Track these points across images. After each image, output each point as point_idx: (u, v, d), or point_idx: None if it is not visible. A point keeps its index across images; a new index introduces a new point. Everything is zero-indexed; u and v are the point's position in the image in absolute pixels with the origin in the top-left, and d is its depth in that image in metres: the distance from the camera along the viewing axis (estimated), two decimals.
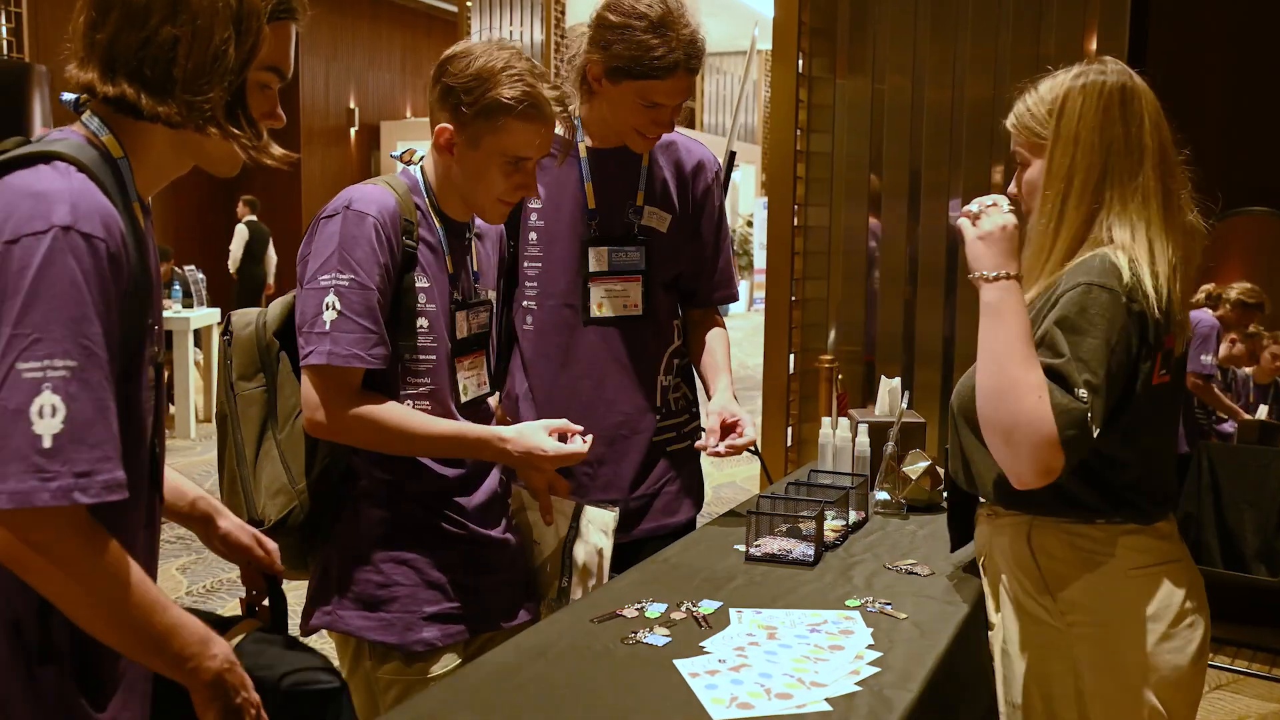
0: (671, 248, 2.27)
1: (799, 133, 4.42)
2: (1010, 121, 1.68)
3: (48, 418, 1.07)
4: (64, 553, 1.10)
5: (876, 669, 1.49)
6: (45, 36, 6.88)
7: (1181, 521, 4.01)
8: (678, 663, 1.48)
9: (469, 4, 9.67)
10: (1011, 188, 1.73)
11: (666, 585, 1.80)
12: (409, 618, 1.77)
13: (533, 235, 2.21)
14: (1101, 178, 1.58)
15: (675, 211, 2.27)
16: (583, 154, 2.21)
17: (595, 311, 2.21)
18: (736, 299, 2.49)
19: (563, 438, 1.88)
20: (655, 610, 1.67)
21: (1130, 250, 1.54)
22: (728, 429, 2.13)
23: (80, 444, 1.09)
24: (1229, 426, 4.19)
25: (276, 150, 1.30)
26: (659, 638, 1.57)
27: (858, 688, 1.43)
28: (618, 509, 2.05)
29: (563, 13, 8.93)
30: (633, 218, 2.23)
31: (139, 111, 1.20)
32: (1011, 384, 1.48)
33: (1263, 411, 4.13)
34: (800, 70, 4.39)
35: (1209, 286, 4.08)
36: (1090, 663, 1.58)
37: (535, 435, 1.84)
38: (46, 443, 1.07)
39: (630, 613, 1.66)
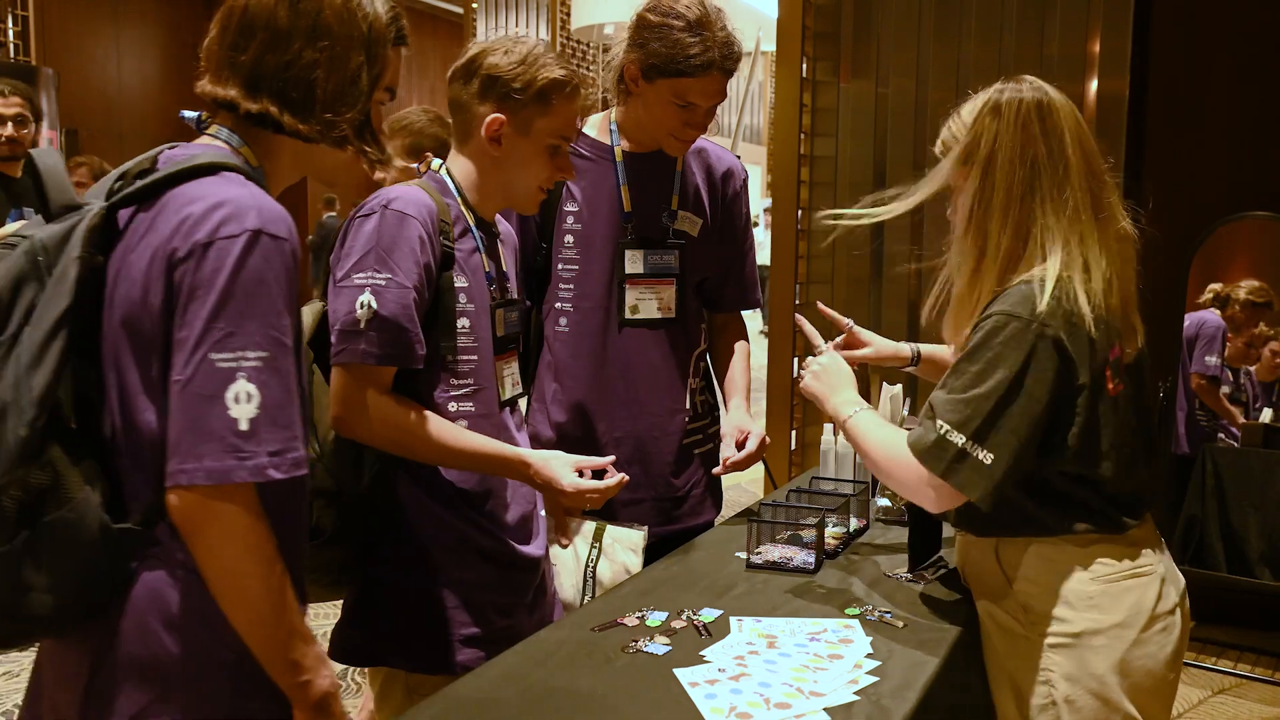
0: (702, 252, 2.31)
1: (803, 137, 4.43)
2: (938, 148, 1.72)
3: (243, 403, 1.18)
4: (235, 527, 1.19)
5: (875, 678, 1.49)
6: (52, 40, 6.90)
7: (1185, 524, 4.03)
8: (677, 672, 1.49)
9: (474, 4, 9.68)
10: (949, 212, 1.76)
11: (667, 593, 1.80)
12: (450, 639, 1.78)
13: (569, 238, 2.23)
14: (1028, 194, 1.59)
15: (706, 217, 2.31)
16: (618, 158, 2.24)
17: (630, 314, 2.24)
18: (759, 304, 2.54)
19: (595, 476, 1.89)
20: (656, 619, 1.68)
21: (1065, 269, 1.56)
22: (740, 447, 2.18)
23: (273, 425, 1.19)
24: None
25: (399, 163, 1.39)
26: (659, 646, 1.57)
27: (856, 697, 1.44)
28: (646, 528, 2.07)
29: (568, 14, 8.93)
30: (667, 221, 2.27)
31: (280, 127, 1.31)
32: (882, 461, 1.66)
33: (1267, 415, 4.12)
34: (804, 75, 4.39)
35: (1216, 286, 4.07)
36: (1064, 674, 1.59)
37: (559, 467, 1.82)
38: (243, 425, 1.17)
39: (631, 621, 1.67)
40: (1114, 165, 1.67)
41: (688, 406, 2.31)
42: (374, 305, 1.67)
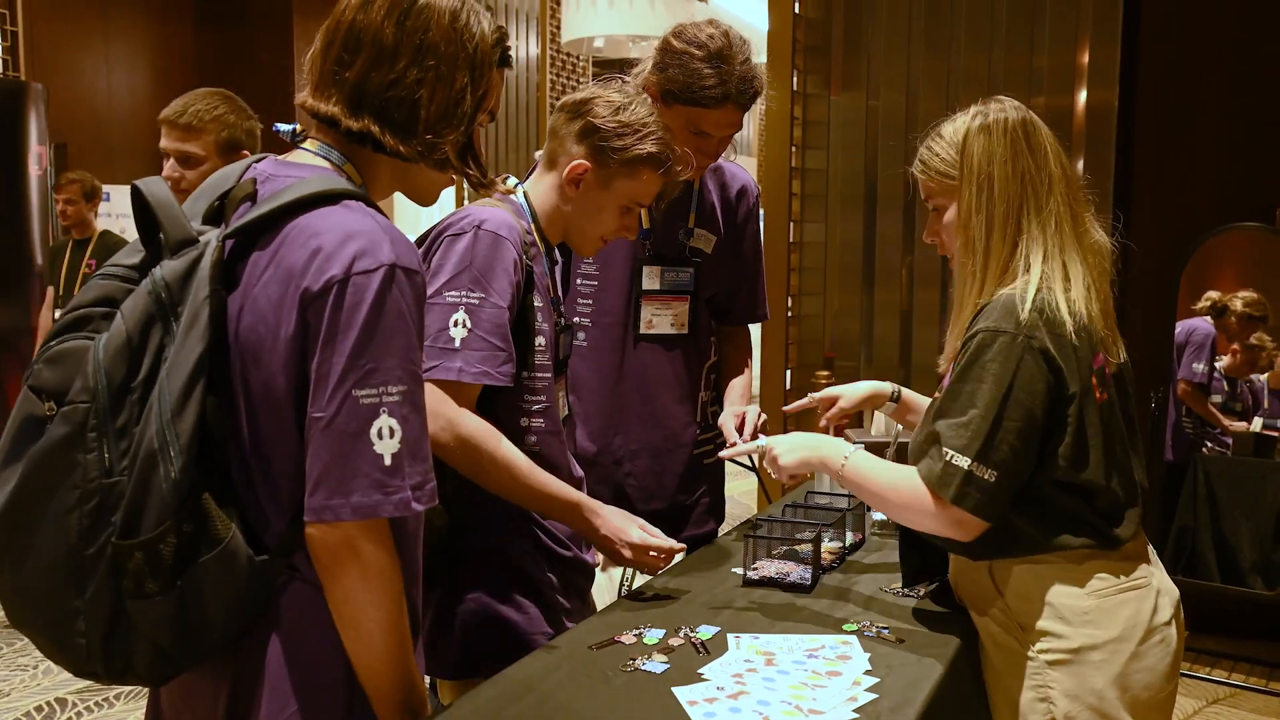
0: (715, 268, 2.34)
1: (794, 149, 4.45)
2: (918, 169, 1.74)
3: (387, 439, 1.18)
4: (374, 563, 1.21)
5: (874, 695, 1.49)
6: (41, 55, 6.88)
7: (1177, 534, 4.03)
8: (676, 690, 1.49)
9: None
10: (926, 235, 1.79)
11: (664, 610, 1.80)
12: (534, 645, 1.79)
13: None
14: (1020, 208, 1.62)
15: (720, 233, 2.34)
16: None
17: (645, 329, 2.27)
18: (767, 318, 2.58)
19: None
20: (653, 636, 1.67)
21: (1045, 279, 1.59)
22: (739, 429, 2.20)
23: (414, 459, 1.21)
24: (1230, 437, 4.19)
25: (501, 186, 1.38)
26: (657, 665, 1.57)
27: (855, 715, 1.43)
28: (685, 547, 2.08)
29: (558, 28, 8.94)
30: (683, 239, 2.30)
31: (381, 146, 1.29)
32: (895, 499, 1.65)
33: (1257, 424, 4.13)
34: (795, 88, 4.41)
35: (1214, 295, 4.08)
36: (1063, 690, 1.60)
37: (625, 522, 1.85)
38: (387, 461, 1.18)
39: (628, 639, 1.66)
40: (1100, 176, 1.72)
41: (699, 419, 2.35)
42: (469, 324, 1.70)
